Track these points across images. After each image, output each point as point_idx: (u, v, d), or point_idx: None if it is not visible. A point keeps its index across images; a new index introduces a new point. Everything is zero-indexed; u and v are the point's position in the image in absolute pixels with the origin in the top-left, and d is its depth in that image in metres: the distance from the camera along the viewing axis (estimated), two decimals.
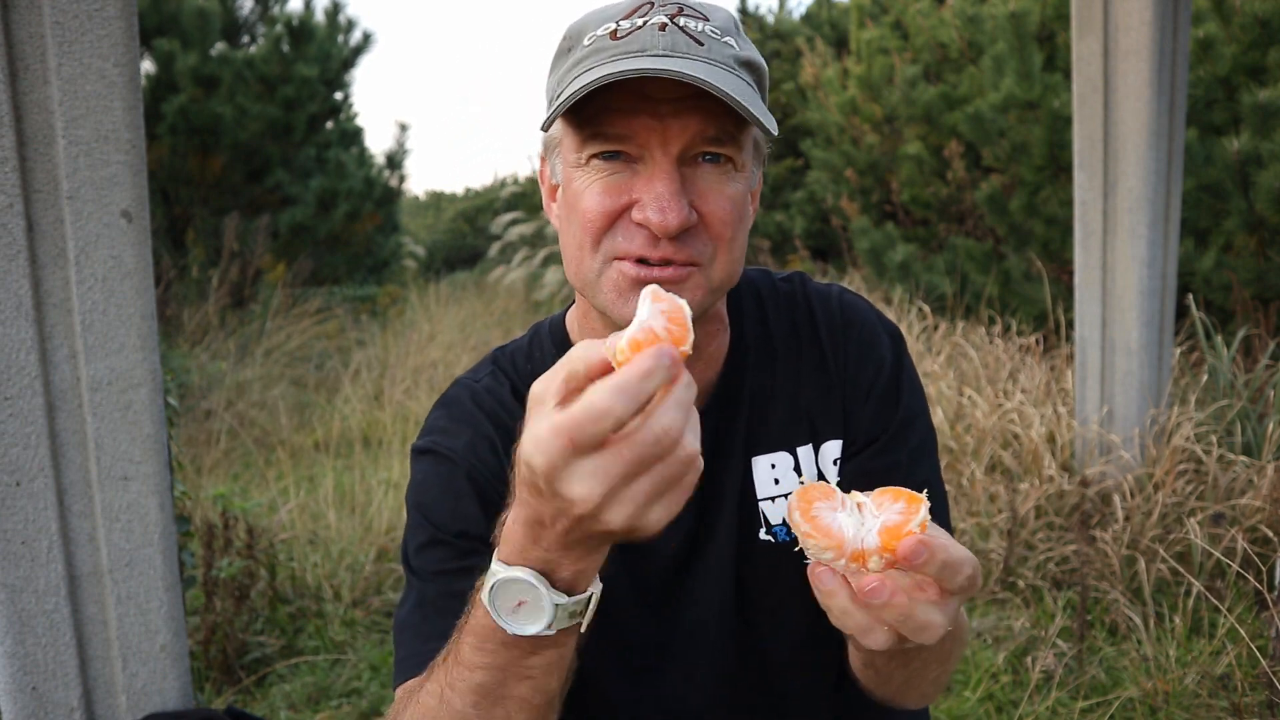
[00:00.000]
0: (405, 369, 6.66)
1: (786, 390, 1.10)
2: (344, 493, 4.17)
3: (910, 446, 1.09)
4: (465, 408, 1.09)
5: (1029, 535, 3.28)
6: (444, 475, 1.06)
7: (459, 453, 1.05)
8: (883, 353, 1.11)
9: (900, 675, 0.96)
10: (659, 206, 0.89)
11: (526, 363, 1.13)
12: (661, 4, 0.94)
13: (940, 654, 0.96)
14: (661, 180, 0.90)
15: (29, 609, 1.66)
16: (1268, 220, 4.28)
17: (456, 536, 1.03)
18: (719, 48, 0.92)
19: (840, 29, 9.33)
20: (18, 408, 1.62)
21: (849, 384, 1.10)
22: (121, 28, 1.65)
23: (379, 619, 3.32)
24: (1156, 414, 3.42)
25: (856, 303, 1.15)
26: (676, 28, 0.91)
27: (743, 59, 0.94)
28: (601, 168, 0.93)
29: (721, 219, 0.94)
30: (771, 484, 1.09)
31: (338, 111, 9.42)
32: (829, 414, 1.10)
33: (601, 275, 0.95)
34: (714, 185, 0.94)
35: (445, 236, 17.55)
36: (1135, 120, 3.27)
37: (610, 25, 0.93)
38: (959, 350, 4.72)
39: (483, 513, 1.03)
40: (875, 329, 1.12)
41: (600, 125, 0.91)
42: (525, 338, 1.17)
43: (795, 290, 1.15)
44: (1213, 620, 2.75)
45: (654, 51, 0.89)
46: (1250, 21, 4.46)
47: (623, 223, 0.93)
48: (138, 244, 1.70)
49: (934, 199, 6.47)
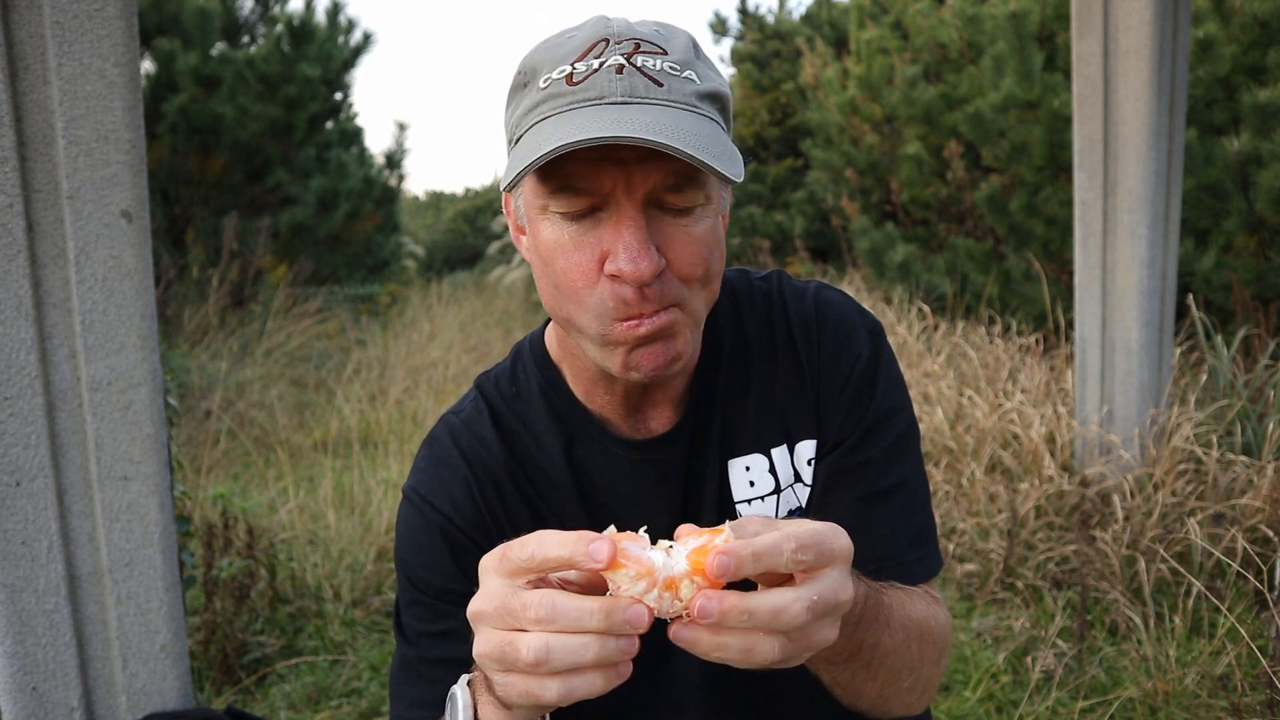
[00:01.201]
0: (405, 369, 6.67)
1: (760, 391, 1.10)
2: (344, 493, 4.17)
3: (886, 443, 1.08)
4: (445, 447, 1.11)
5: (1029, 535, 3.28)
6: (417, 528, 1.08)
7: (434, 502, 1.07)
8: (858, 348, 1.09)
9: (871, 688, 0.94)
10: (629, 256, 0.89)
11: (510, 386, 1.13)
12: (616, 41, 0.91)
13: (907, 659, 0.94)
14: (628, 228, 0.89)
15: (29, 609, 1.66)
16: (1268, 220, 4.28)
17: (433, 594, 1.06)
18: (678, 85, 0.90)
19: (840, 29, 9.33)
20: (18, 408, 1.62)
21: (822, 381, 1.09)
22: (121, 28, 1.65)
23: (379, 619, 3.32)
24: (1156, 414, 3.42)
25: (833, 298, 1.13)
26: (634, 68, 0.89)
27: (704, 93, 0.92)
28: (567, 220, 0.92)
29: (690, 263, 0.93)
30: (747, 486, 1.09)
31: (338, 111, 9.42)
32: (802, 413, 1.09)
33: (585, 331, 0.95)
34: (679, 231, 0.93)
35: (445, 236, 17.56)
36: (1135, 120, 3.27)
37: (565, 69, 0.90)
38: (959, 350, 4.72)
39: (455, 564, 1.05)
40: (852, 323, 1.11)
41: (566, 178, 0.90)
42: (508, 360, 1.17)
43: (772, 289, 1.14)
44: (1213, 620, 2.75)
45: (612, 99, 0.87)
46: (1250, 21, 4.46)
47: (602, 282, 0.92)
48: (138, 244, 1.70)
49: (934, 199, 6.47)
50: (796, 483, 1.10)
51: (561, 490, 1.08)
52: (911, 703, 1.00)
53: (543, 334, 1.15)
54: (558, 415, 1.09)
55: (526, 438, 1.10)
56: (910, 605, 0.98)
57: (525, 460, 1.09)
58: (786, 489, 1.09)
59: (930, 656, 0.99)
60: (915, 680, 0.98)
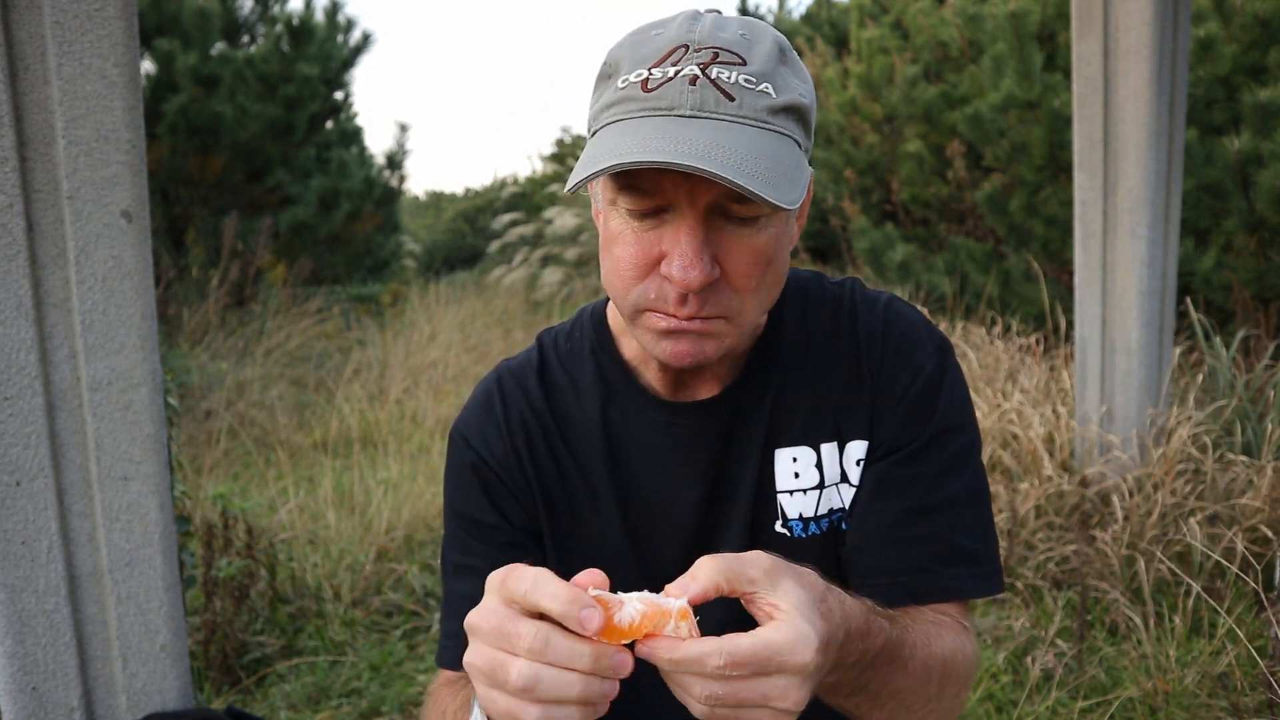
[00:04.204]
0: (405, 369, 6.67)
1: (815, 387, 1.10)
2: (344, 493, 4.17)
3: (940, 460, 1.07)
4: (489, 391, 1.17)
5: (1029, 535, 3.28)
6: (453, 463, 1.16)
7: (469, 439, 1.15)
8: (922, 360, 1.09)
9: (879, 717, 0.93)
10: (682, 265, 0.91)
11: (566, 342, 1.18)
12: (696, 49, 0.91)
13: (922, 695, 0.94)
14: (686, 236, 0.91)
15: (29, 609, 1.66)
16: (1268, 220, 4.28)
17: (464, 527, 1.13)
18: (752, 99, 0.90)
19: (840, 29, 9.33)
20: (18, 408, 1.62)
21: (880, 387, 1.09)
22: (121, 28, 1.65)
23: (379, 619, 3.32)
24: (1156, 414, 3.42)
25: (905, 310, 1.13)
26: (708, 80, 0.89)
27: (779, 107, 0.91)
28: (632, 216, 0.95)
29: (744, 273, 0.95)
30: (791, 478, 1.09)
31: (338, 111, 9.42)
32: (856, 414, 1.09)
33: (635, 317, 0.99)
34: (738, 241, 0.94)
35: (445, 236, 17.55)
36: (1135, 120, 3.27)
37: (642, 73, 0.92)
38: (959, 350, 4.72)
39: (487, 499, 1.12)
40: (918, 335, 1.11)
41: (632, 178, 0.92)
42: (571, 320, 1.22)
43: (844, 294, 1.14)
44: (1212, 620, 2.75)
45: (681, 111, 0.88)
46: (1250, 21, 4.46)
47: (653, 276, 0.95)
48: (138, 244, 1.70)
49: (934, 199, 6.47)
50: (842, 482, 1.10)
51: (591, 447, 1.12)
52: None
53: (606, 304, 1.18)
54: (602, 374, 1.13)
55: (569, 393, 1.15)
56: (937, 642, 0.97)
57: (562, 414, 1.14)
58: (830, 487, 1.10)
59: (950, 691, 0.98)
60: (928, 715, 0.97)
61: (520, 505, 1.12)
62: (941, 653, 0.97)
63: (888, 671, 0.88)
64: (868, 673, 0.86)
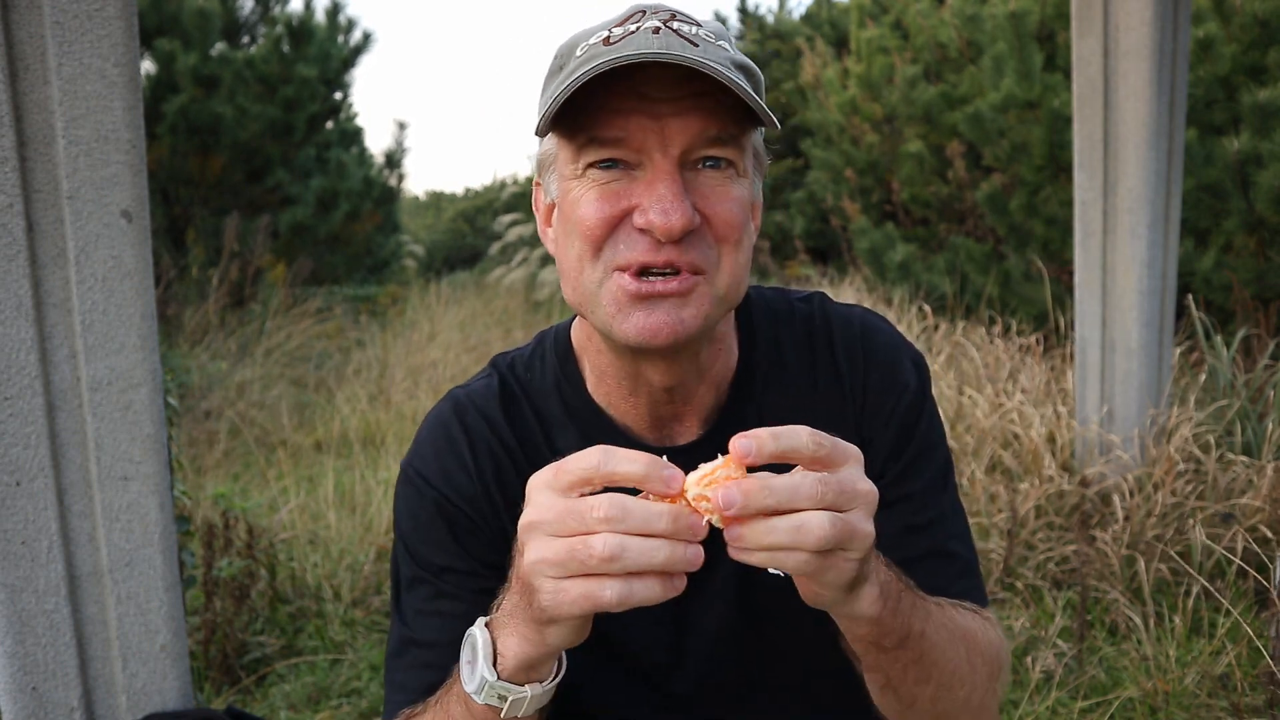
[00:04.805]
0: (405, 369, 6.67)
1: (798, 412, 1.08)
2: (344, 493, 4.17)
3: (925, 478, 1.07)
4: (446, 422, 1.09)
5: (1029, 535, 3.28)
6: (413, 503, 1.07)
7: (428, 478, 1.06)
8: (906, 378, 1.08)
9: (925, 691, 0.92)
10: (662, 208, 0.87)
11: (526, 371, 1.11)
12: (654, 11, 0.92)
13: (956, 664, 0.93)
14: (663, 182, 0.88)
15: (29, 609, 1.66)
16: (1268, 220, 4.28)
17: (433, 572, 1.04)
18: (714, 50, 0.90)
19: (840, 29, 9.33)
20: (18, 408, 1.62)
21: (867, 410, 1.07)
22: (121, 28, 1.65)
23: (379, 619, 3.32)
24: (1156, 414, 3.42)
25: (880, 326, 1.12)
26: (670, 30, 0.89)
27: (738, 62, 0.92)
28: (599, 176, 0.91)
29: (727, 220, 0.91)
30: None
31: (338, 111, 9.43)
32: (843, 437, 1.08)
33: (601, 287, 0.92)
34: (717, 187, 0.91)
35: (445, 236, 17.54)
36: (1135, 120, 3.27)
37: (603, 33, 0.91)
38: (959, 350, 4.72)
39: (454, 541, 1.04)
40: (899, 354, 1.09)
41: (596, 129, 0.89)
42: (529, 345, 1.15)
43: (814, 311, 1.11)
44: (1213, 620, 2.75)
45: (649, 50, 0.87)
46: (1250, 21, 4.46)
47: (623, 229, 0.90)
48: (138, 244, 1.70)
49: (934, 199, 6.47)
50: None
51: None
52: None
53: (569, 328, 1.12)
54: (571, 412, 1.07)
55: (536, 430, 1.07)
56: (955, 613, 0.97)
57: (533, 450, 1.06)
58: None
59: (981, 670, 0.97)
60: (970, 695, 0.96)
61: (490, 544, 1.03)
62: (961, 622, 0.97)
63: (919, 617, 0.89)
64: (901, 612, 0.86)
